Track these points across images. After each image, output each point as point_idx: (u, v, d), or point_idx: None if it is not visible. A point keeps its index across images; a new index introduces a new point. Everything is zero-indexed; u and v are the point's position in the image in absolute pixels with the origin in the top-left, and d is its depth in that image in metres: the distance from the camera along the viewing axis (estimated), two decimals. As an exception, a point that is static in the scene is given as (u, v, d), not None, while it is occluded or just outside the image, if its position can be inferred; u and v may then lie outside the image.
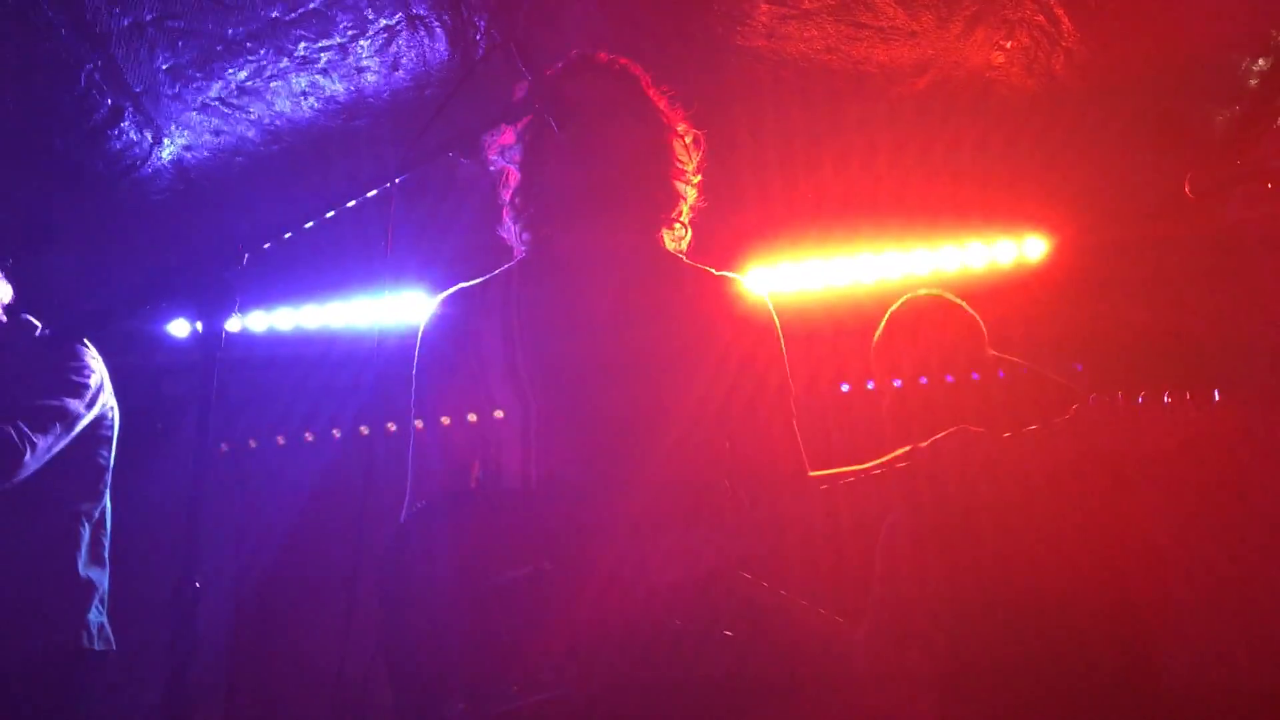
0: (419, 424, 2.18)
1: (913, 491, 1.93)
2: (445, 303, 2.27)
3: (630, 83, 2.28)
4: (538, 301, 2.20)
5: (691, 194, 2.33)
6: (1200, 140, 4.28)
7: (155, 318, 4.41)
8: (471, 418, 2.12)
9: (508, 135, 2.28)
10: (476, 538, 1.87)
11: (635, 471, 2.01)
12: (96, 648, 3.12)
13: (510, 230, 2.30)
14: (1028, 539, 2.62)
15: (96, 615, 3.16)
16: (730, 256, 4.60)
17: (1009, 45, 3.95)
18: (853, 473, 2.05)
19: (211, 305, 1.92)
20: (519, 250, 2.30)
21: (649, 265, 2.25)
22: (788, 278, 4.70)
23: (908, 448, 1.99)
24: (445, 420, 2.14)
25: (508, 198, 2.29)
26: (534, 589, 1.83)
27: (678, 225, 2.30)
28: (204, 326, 1.91)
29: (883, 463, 2.02)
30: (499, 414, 2.10)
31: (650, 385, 2.09)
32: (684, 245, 2.35)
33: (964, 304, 3.39)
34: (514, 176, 2.28)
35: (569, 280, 2.21)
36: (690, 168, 2.32)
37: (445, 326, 2.24)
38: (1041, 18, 3.80)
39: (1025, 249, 4.57)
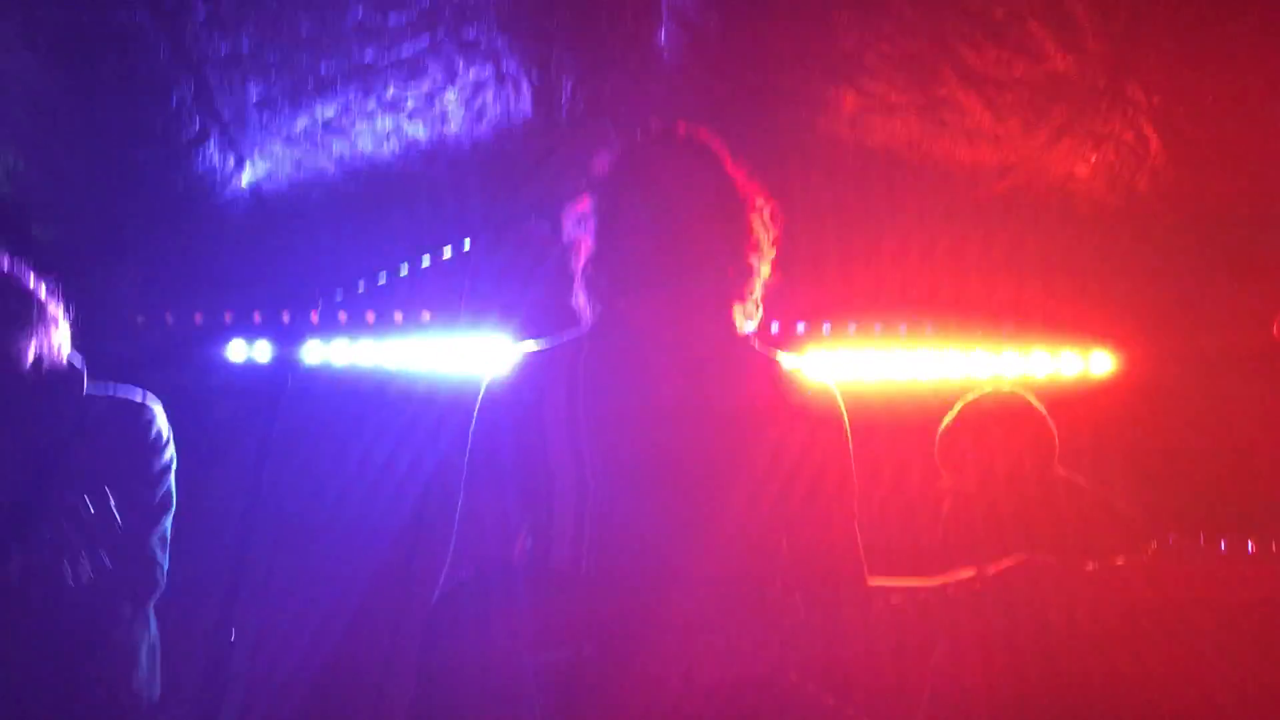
0: (471, 488, 2.15)
1: (974, 615, 1.88)
2: (510, 366, 2.24)
3: (708, 157, 2.26)
4: (604, 378, 2.16)
5: (766, 269, 2.30)
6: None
7: (214, 339, 4.44)
8: (526, 488, 2.08)
9: (584, 204, 2.27)
10: (520, 616, 1.83)
11: (690, 565, 1.96)
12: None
13: (581, 300, 2.28)
14: (1092, 682, 2.52)
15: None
16: (790, 335, 4.57)
17: (1094, 159, 3.92)
18: (918, 588, 1.99)
19: (286, 334, 1.93)
20: (588, 320, 2.28)
21: (718, 349, 2.21)
22: (845, 365, 4.64)
23: (973, 571, 1.93)
24: (498, 487, 2.11)
25: (580, 267, 2.27)
26: (575, 673, 1.79)
27: (750, 303, 2.27)
28: (276, 355, 1.92)
29: (947, 581, 1.96)
30: (556, 488, 2.06)
31: (711, 477, 2.05)
32: (755, 323, 2.32)
33: (1039, 406, 3.27)
34: (588, 246, 2.26)
35: (637, 360, 2.18)
36: (766, 242, 2.29)
37: (508, 391, 2.20)
38: (1130, 135, 3.77)
39: (1091, 362, 4.50)
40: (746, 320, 2.26)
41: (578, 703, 1.77)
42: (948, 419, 3.33)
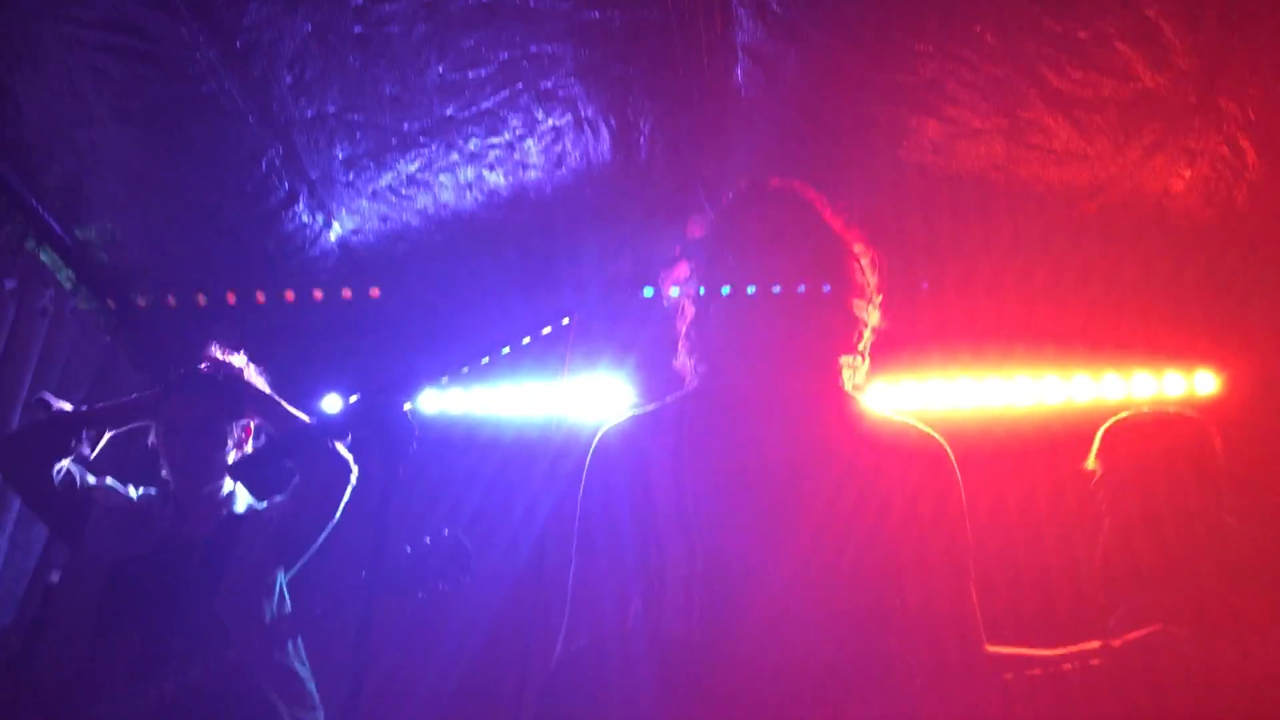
0: (583, 554, 2.15)
1: (1095, 696, 1.78)
2: (617, 430, 2.23)
3: (802, 208, 2.22)
4: (709, 441, 2.13)
5: (873, 316, 2.26)
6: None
7: (311, 392, 4.52)
8: (636, 555, 2.07)
9: (682, 269, 2.26)
10: (637, 685, 1.82)
11: (803, 636, 1.92)
12: None
13: (685, 363, 2.26)
14: None
15: None
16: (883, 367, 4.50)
17: (1188, 175, 3.81)
18: (1038, 659, 1.91)
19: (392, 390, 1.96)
20: (692, 382, 2.26)
21: (823, 409, 2.17)
22: (941, 396, 4.57)
23: (1099, 643, 1.84)
24: (609, 554, 2.10)
25: (683, 330, 2.26)
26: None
27: (856, 354, 2.22)
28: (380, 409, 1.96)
29: (1073, 654, 1.87)
30: (664, 555, 2.04)
31: (821, 541, 2.01)
32: (863, 373, 2.27)
33: (1193, 415, 2.98)
34: (689, 310, 2.25)
35: (742, 421, 2.14)
36: (870, 289, 2.25)
37: (615, 455, 2.19)
38: (1225, 149, 3.66)
39: (1195, 383, 4.37)
40: (853, 372, 2.22)
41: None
42: (1091, 458, 3.04)
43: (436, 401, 4.81)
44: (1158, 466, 2.84)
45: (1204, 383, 4.37)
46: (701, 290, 2.20)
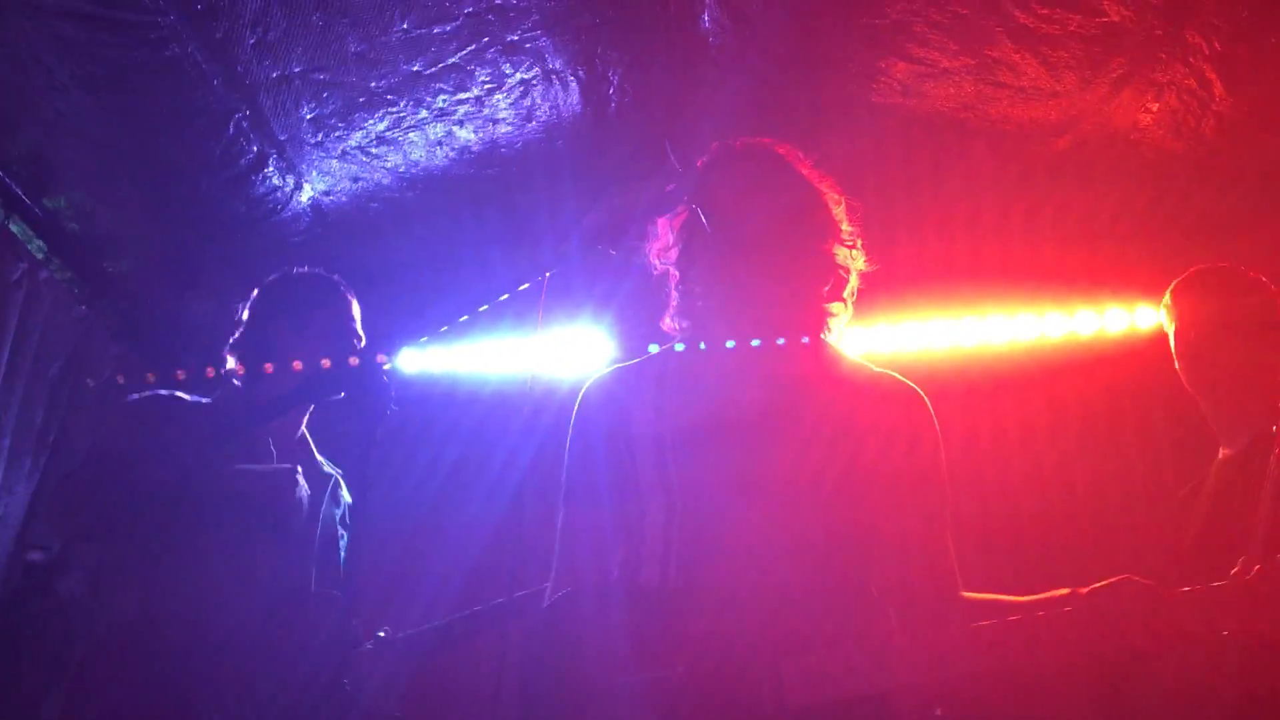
0: (568, 505, 2.19)
1: (1069, 642, 1.81)
2: (599, 384, 2.27)
3: (774, 162, 2.25)
4: (688, 394, 2.18)
5: (857, 261, 2.28)
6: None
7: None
8: (618, 507, 2.10)
9: (664, 237, 2.28)
10: (616, 634, 1.86)
11: (776, 581, 1.96)
12: None
13: (671, 324, 2.30)
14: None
15: None
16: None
17: (1156, 108, 3.82)
18: (1012, 606, 1.95)
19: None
20: (677, 338, 2.29)
21: (803, 362, 2.20)
22: (916, 337, 4.61)
23: (1068, 591, 1.88)
24: (592, 506, 2.14)
25: (669, 294, 2.29)
26: (665, 693, 1.81)
27: (839, 303, 2.25)
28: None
29: (1044, 600, 1.91)
30: (645, 506, 2.07)
31: (795, 486, 2.05)
32: (847, 318, 2.30)
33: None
34: (673, 275, 2.28)
35: (720, 375, 2.18)
36: (849, 234, 2.27)
37: (597, 409, 2.24)
38: (1192, 81, 3.67)
39: (1137, 318, 4.42)
40: (837, 319, 2.24)
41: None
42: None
43: (416, 360, 4.82)
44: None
45: (1145, 318, 4.43)
46: (682, 257, 2.22)
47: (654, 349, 2.35)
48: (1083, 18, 3.45)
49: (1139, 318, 4.44)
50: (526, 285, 2.14)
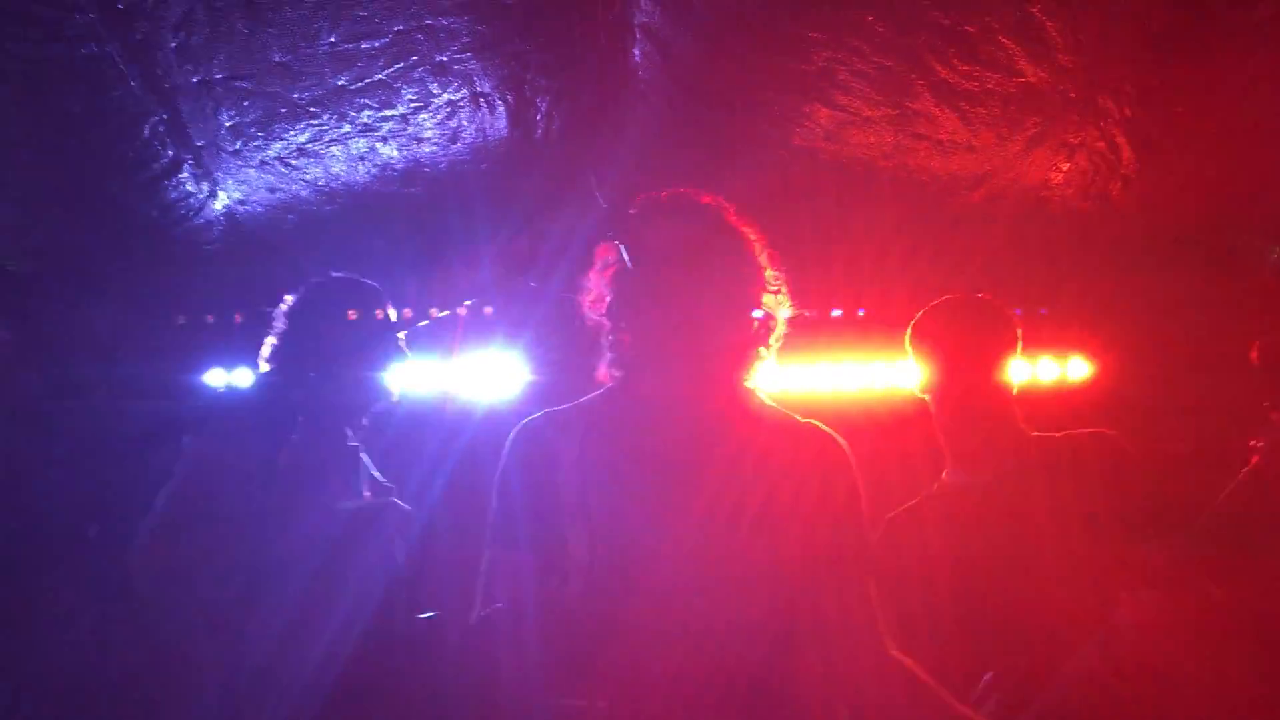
0: (494, 544, 2.21)
1: None
2: (530, 427, 2.30)
3: (699, 213, 2.28)
4: (613, 440, 2.23)
5: (783, 305, 2.31)
6: (1253, 275, 4.25)
7: (192, 366, 4.41)
8: (543, 549, 2.12)
9: (595, 288, 2.30)
10: (536, 658, 1.88)
11: (697, 619, 2.01)
12: None
13: (606, 372, 2.33)
14: None
15: None
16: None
17: (1066, 168, 3.95)
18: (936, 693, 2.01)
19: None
20: (609, 385, 2.32)
21: (725, 412, 2.24)
22: (828, 379, 4.67)
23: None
24: (518, 546, 2.15)
25: (601, 342, 2.32)
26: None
27: (765, 348, 2.28)
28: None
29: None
30: (568, 551, 2.10)
31: (714, 529, 2.09)
32: (768, 365, 2.33)
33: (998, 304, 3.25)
34: (605, 326, 2.31)
35: (645, 423, 2.23)
36: (774, 280, 2.30)
37: (525, 452, 2.27)
38: (1102, 144, 3.80)
39: (1069, 370, 4.54)
40: (762, 363, 2.29)
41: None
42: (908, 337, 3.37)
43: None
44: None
45: (1076, 369, 4.55)
46: (611, 309, 2.25)
47: (584, 399, 2.36)
48: (1001, 76, 3.55)
49: (1040, 370, 4.57)
50: (445, 312, 2.15)
